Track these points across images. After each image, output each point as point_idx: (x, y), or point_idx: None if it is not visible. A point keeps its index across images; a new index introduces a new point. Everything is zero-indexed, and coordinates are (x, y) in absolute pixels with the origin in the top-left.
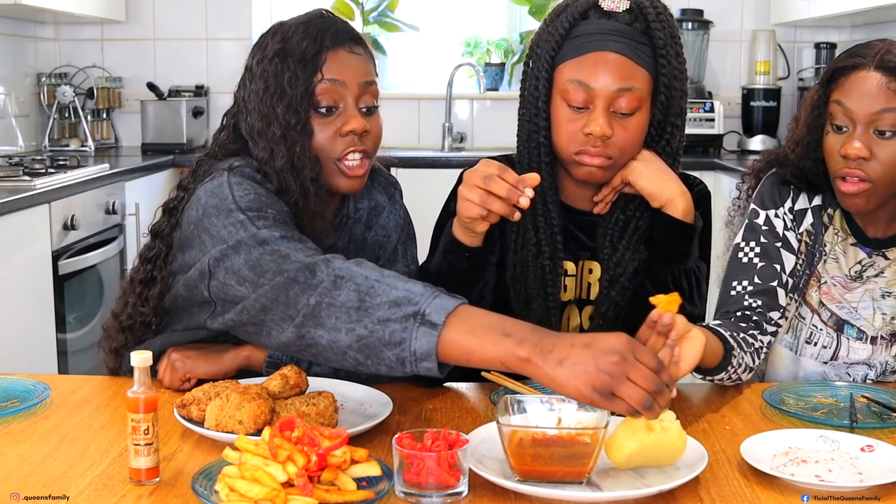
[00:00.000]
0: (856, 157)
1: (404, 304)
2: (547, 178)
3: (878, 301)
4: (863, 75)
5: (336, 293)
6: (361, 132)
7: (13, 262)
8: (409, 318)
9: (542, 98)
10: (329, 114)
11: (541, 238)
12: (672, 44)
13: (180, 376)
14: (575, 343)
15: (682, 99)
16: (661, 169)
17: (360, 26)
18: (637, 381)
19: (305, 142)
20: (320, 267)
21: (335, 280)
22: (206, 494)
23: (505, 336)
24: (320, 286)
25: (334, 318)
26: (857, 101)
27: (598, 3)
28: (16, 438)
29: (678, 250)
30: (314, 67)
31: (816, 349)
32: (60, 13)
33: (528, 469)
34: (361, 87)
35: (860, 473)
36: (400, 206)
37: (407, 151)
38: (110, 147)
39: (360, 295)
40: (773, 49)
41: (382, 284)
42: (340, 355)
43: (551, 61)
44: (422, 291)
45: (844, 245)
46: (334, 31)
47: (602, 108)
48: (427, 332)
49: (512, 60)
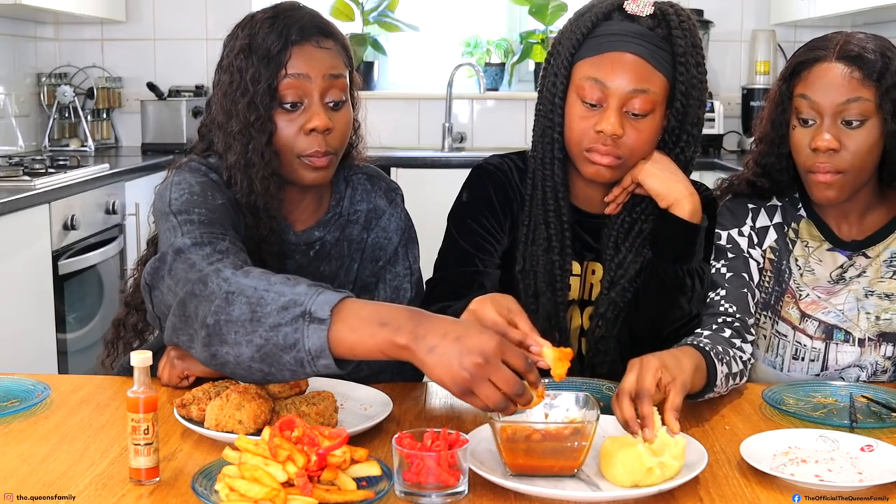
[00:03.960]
0: (826, 150)
1: (292, 307)
2: (559, 175)
3: (861, 301)
4: (825, 67)
5: (230, 309)
6: (324, 129)
7: (13, 262)
8: (297, 318)
9: (558, 94)
10: (294, 109)
11: (551, 234)
12: (693, 53)
13: (178, 373)
14: (448, 333)
15: (699, 109)
16: (670, 169)
17: (360, 26)
18: (497, 384)
19: (264, 139)
20: (211, 278)
21: (227, 296)
22: (206, 494)
23: (382, 326)
24: (214, 302)
25: (233, 333)
26: (822, 93)
27: (622, 6)
28: (16, 438)
29: (683, 250)
30: (278, 64)
31: (804, 363)
32: (60, 13)
33: (520, 463)
34: (326, 81)
35: (860, 473)
36: (401, 209)
37: (407, 151)
38: (110, 147)
39: (251, 307)
40: (773, 49)
41: (271, 292)
42: (247, 369)
43: (570, 58)
44: (306, 291)
45: (820, 253)
46: (301, 25)
47: (615, 106)
48: (317, 328)
49: (512, 60)
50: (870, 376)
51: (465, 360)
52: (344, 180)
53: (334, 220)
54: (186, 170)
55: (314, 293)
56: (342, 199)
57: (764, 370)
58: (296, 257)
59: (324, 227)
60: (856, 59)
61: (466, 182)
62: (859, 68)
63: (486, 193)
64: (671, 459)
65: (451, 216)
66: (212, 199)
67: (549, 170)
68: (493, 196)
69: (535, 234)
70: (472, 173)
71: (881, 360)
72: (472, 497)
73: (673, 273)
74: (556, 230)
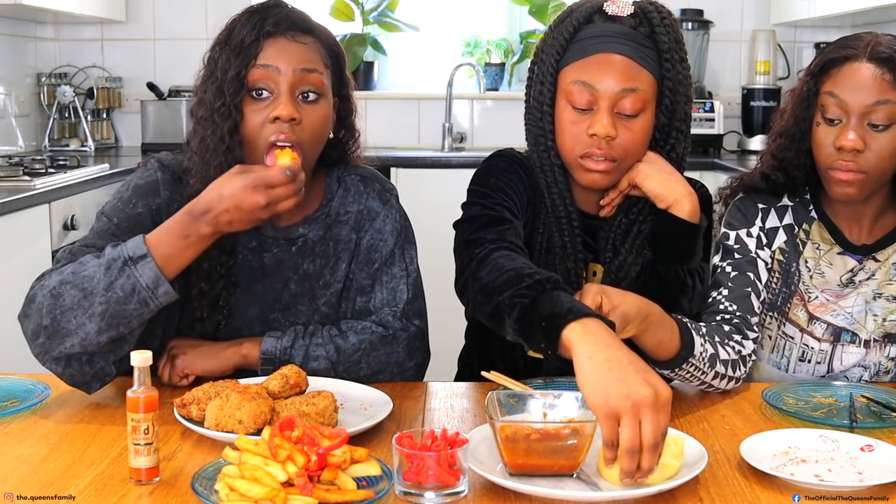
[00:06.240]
0: (851, 150)
1: (113, 264)
2: (562, 181)
3: (870, 303)
4: (856, 67)
5: (61, 301)
6: (289, 119)
7: (13, 262)
8: (123, 267)
9: (546, 102)
10: (262, 98)
11: (566, 241)
12: (676, 49)
13: (178, 373)
14: (224, 196)
15: (686, 104)
16: (667, 170)
17: (360, 26)
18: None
19: (226, 126)
20: (35, 291)
21: (52, 294)
22: (206, 494)
23: (189, 222)
24: (44, 305)
25: (73, 319)
26: (850, 92)
27: (602, 8)
28: (16, 438)
29: (683, 251)
30: (249, 54)
31: (811, 366)
32: (60, 13)
33: (520, 463)
34: (298, 74)
35: (860, 473)
36: (396, 210)
37: (407, 151)
38: (110, 147)
39: (78, 288)
40: (773, 49)
41: (87, 267)
42: (96, 345)
43: (556, 65)
44: (111, 249)
45: (830, 256)
46: (277, 19)
47: (606, 108)
48: (144, 263)
49: (512, 60)
50: (872, 376)
51: (242, 201)
52: (337, 180)
53: (321, 219)
54: (142, 168)
55: (120, 245)
56: (332, 199)
57: (769, 370)
58: (273, 251)
59: (309, 225)
60: (887, 60)
61: (491, 163)
62: (890, 71)
63: (514, 171)
64: (671, 459)
65: (474, 181)
66: (132, 207)
67: (552, 177)
68: (520, 173)
69: (549, 242)
70: (497, 157)
71: (885, 360)
72: (472, 497)
73: (674, 273)
74: (570, 237)
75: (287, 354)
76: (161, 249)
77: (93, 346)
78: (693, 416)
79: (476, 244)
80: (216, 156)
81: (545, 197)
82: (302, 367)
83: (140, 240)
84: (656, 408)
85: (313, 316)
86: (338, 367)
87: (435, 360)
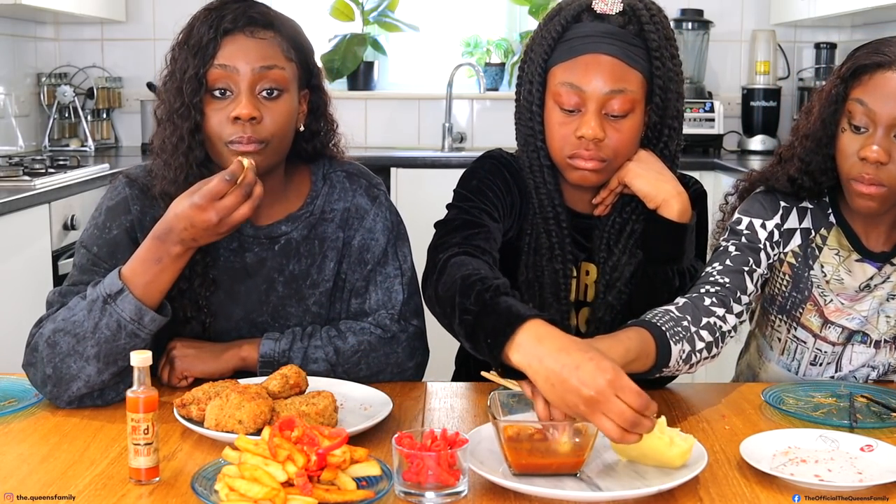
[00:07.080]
0: (875, 161)
1: (94, 305)
2: (551, 182)
3: (883, 304)
4: (888, 76)
5: (58, 349)
6: (248, 118)
7: (13, 262)
8: (103, 307)
9: (535, 102)
10: (222, 97)
11: (553, 242)
12: (667, 46)
13: (177, 374)
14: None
15: (678, 101)
16: (657, 169)
17: (360, 26)
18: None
19: (186, 126)
20: (36, 341)
21: (48, 343)
22: (205, 494)
23: (156, 246)
24: (44, 355)
25: (73, 364)
26: (880, 102)
27: (590, 6)
28: (16, 438)
29: (672, 252)
30: (207, 54)
31: (821, 369)
32: (60, 13)
33: (523, 463)
34: (257, 73)
35: (860, 473)
36: (386, 207)
37: (407, 151)
38: (110, 147)
39: (70, 333)
40: (773, 49)
41: (75, 312)
42: (101, 383)
43: (544, 65)
44: (92, 289)
45: (849, 263)
46: (235, 16)
47: (594, 110)
48: (123, 298)
49: (512, 60)
50: (880, 376)
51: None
52: (323, 178)
53: (305, 217)
54: (111, 188)
55: (97, 283)
56: (317, 197)
57: (778, 372)
58: (255, 249)
59: (292, 223)
60: None
61: (476, 165)
62: None
63: (500, 173)
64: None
65: (458, 184)
66: (107, 231)
67: (540, 177)
68: (505, 175)
69: (537, 243)
70: (484, 158)
71: (894, 361)
72: (471, 497)
73: (663, 274)
74: (558, 238)
75: (286, 357)
76: (138, 280)
77: (98, 385)
78: (693, 416)
79: (441, 248)
80: (176, 156)
81: (533, 197)
82: (301, 368)
83: (115, 275)
84: (611, 395)
85: (304, 317)
86: (337, 368)
87: (433, 358)
